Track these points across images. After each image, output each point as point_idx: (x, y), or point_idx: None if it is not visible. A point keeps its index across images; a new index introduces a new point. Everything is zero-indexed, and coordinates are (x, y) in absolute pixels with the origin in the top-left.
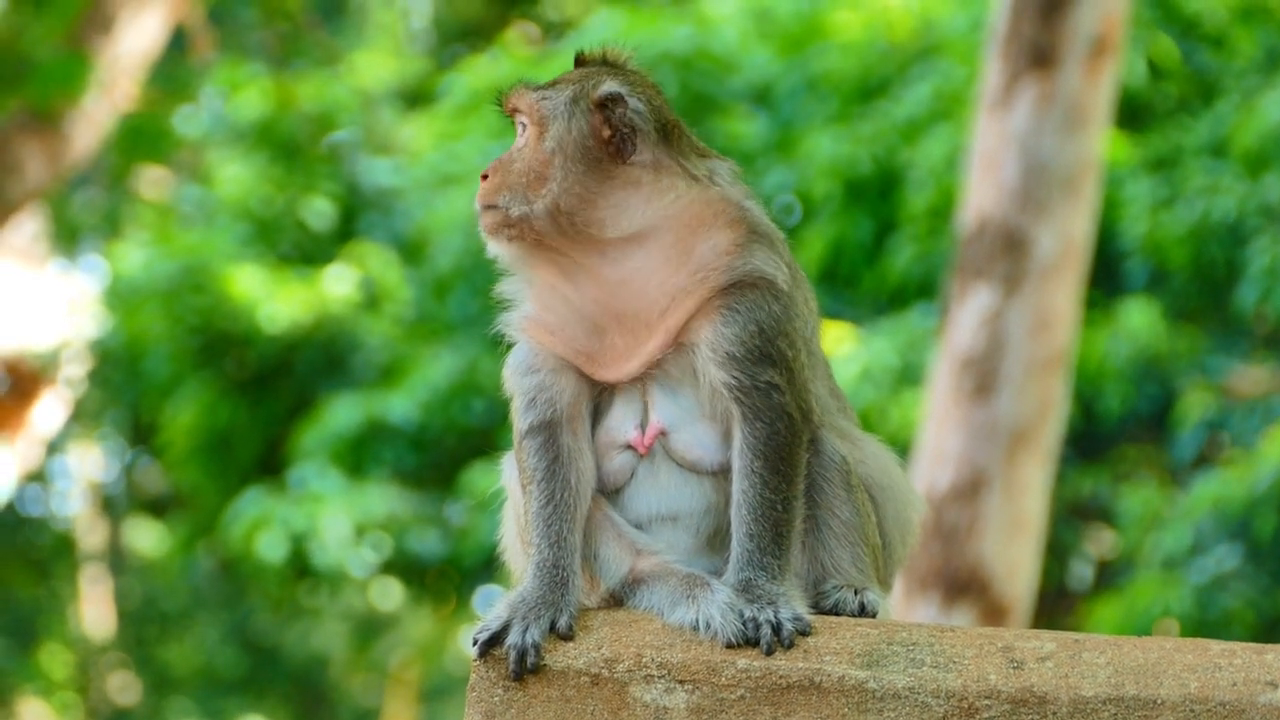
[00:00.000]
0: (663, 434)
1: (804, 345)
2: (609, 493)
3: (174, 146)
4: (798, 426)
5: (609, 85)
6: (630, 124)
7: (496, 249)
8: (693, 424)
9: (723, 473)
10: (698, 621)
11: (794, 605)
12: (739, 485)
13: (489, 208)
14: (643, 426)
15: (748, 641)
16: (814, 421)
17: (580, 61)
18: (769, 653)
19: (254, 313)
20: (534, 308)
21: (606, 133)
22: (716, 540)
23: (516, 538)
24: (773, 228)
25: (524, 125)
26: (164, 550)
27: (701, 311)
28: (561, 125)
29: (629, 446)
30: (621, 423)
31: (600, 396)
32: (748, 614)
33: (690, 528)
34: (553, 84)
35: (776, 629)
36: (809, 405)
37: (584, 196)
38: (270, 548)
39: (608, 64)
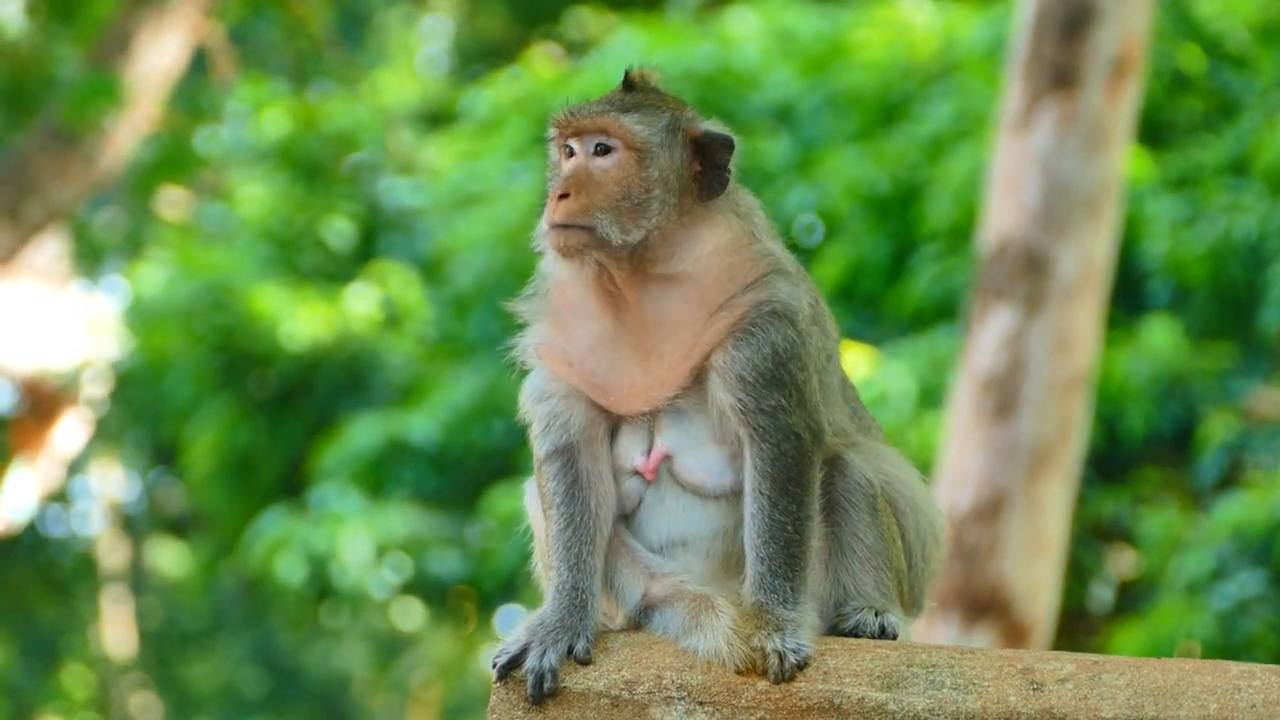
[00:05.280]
0: (667, 458)
1: (816, 373)
2: (623, 517)
3: (196, 167)
4: (806, 447)
5: (714, 128)
6: (728, 168)
7: (563, 269)
8: (698, 448)
9: (729, 496)
10: (706, 650)
11: (800, 634)
12: (749, 508)
13: (578, 228)
14: (648, 452)
15: (754, 668)
16: (825, 443)
17: (629, 84)
18: (776, 682)
19: (275, 332)
20: (553, 333)
21: (697, 168)
22: (731, 563)
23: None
24: (796, 264)
25: (604, 147)
26: (185, 570)
27: (719, 342)
28: (666, 156)
29: (636, 472)
30: (629, 449)
31: (613, 420)
32: (754, 642)
33: (700, 552)
34: (635, 107)
35: (783, 658)
36: (819, 426)
37: (665, 232)
38: (289, 569)
39: (663, 94)
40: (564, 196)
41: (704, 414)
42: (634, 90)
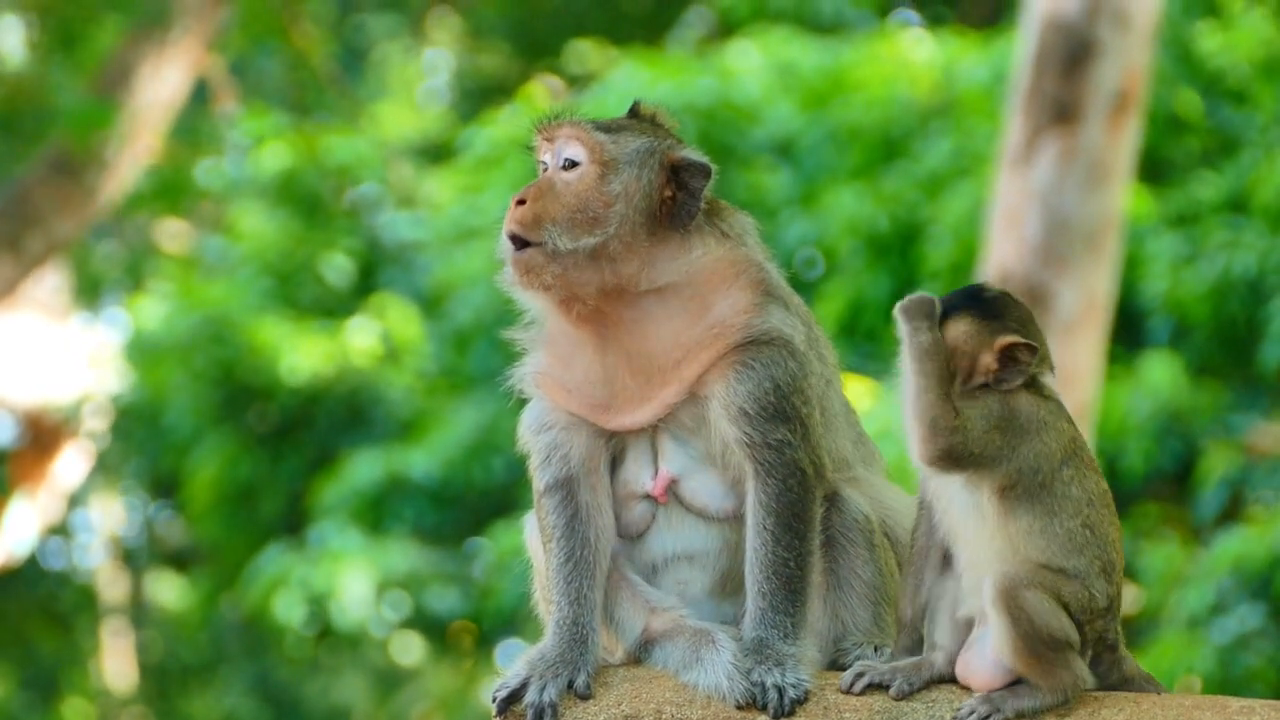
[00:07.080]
0: (673, 481)
1: (818, 402)
2: (630, 539)
3: (195, 198)
4: (810, 482)
5: (693, 154)
6: (699, 196)
7: (530, 300)
8: (700, 472)
9: (734, 518)
10: (706, 685)
11: (799, 669)
12: (751, 542)
13: (529, 244)
14: (655, 475)
15: (754, 703)
16: (827, 477)
17: (633, 112)
18: (776, 717)
19: (275, 365)
20: (548, 361)
21: (668, 194)
22: (731, 578)
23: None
24: (789, 290)
25: (571, 161)
26: (186, 603)
27: (716, 366)
28: (632, 174)
29: (648, 496)
30: (637, 474)
31: (615, 449)
32: (754, 677)
33: (706, 566)
34: (616, 128)
35: (783, 693)
36: (822, 461)
37: (631, 247)
38: (288, 608)
39: (659, 125)
40: (520, 202)
41: (704, 439)
42: (634, 117)
